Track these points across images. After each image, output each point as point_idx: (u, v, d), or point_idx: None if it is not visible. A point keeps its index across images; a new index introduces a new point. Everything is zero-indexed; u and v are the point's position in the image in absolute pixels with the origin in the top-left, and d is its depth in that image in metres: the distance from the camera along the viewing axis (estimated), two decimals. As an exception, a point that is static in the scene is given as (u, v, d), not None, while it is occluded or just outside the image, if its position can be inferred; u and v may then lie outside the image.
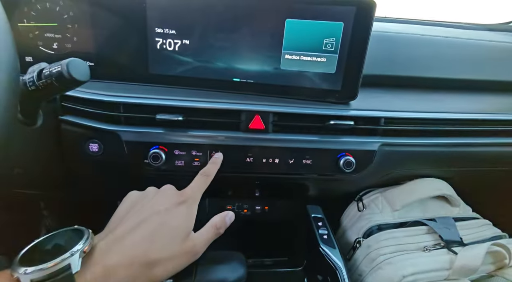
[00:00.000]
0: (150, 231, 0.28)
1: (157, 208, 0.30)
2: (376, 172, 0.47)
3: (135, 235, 0.27)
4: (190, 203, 0.32)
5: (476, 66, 0.56)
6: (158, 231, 0.28)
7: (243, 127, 0.42)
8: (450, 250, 0.43)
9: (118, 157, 0.42)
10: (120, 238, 0.27)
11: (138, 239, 0.27)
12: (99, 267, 0.24)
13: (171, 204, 0.31)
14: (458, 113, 0.47)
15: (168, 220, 0.29)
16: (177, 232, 0.29)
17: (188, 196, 0.33)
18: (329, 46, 0.41)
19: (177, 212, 0.31)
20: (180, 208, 0.31)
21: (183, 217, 0.31)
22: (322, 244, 0.46)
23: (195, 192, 0.34)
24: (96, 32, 0.42)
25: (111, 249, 0.26)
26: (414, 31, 0.57)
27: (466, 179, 0.54)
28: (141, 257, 0.26)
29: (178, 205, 0.31)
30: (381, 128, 0.44)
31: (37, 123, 0.38)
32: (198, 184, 0.35)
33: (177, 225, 0.30)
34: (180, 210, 0.31)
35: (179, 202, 0.32)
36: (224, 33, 0.41)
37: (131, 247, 0.27)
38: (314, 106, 0.43)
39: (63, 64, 0.29)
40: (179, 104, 0.40)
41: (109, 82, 0.43)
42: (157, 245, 0.28)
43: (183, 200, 0.32)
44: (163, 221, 0.29)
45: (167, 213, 0.30)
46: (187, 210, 0.32)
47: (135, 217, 0.29)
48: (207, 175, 0.37)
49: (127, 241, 0.27)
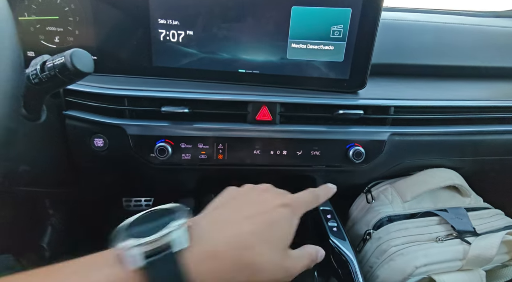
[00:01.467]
0: (257, 227, 0.24)
1: (259, 207, 0.26)
2: (385, 162, 0.47)
3: (241, 227, 0.23)
4: (294, 209, 0.27)
5: (485, 52, 0.55)
6: (265, 230, 0.24)
7: (250, 119, 0.41)
8: (463, 240, 0.42)
9: (123, 152, 0.41)
10: (225, 224, 0.23)
11: (244, 231, 0.23)
12: (204, 250, 0.21)
13: (274, 203, 0.26)
14: (468, 100, 0.46)
15: (274, 222, 0.25)
16: (280, 240, 0.25)
17: (293, 201, 0.28)
18: (337, 34, 0.40)
19: (282, 214, 0.26)
20: (285, 211, 0.26)
21: (285, 222, 0.26)
22: (332, 236, 0.45)
23: (300, 201, 0.29)
24: (98, 24, 0.41)
25: (217, 230, 0.23)
26: (422, 18, 0.56)
27: (477, 169, 0.53)
28: (250, 254, 0.22)
29: (281, 207, 0.26)
30: (391, 117, 0.43)
31: (41, 118, 0.38)
32: (306, 197, 0.30)
33: (282, 231, 0.25)
34: (285, 214, 0.26)
35: (283, 204, 0.26)
36: (228, 22, 0.40)
37: (238, 238, 0.22)
38: (322, 96, 0.42)
39: (67, 55, 0.28)
40: (184, 96, 0.39)
41: (112, 75, 0.43)
42: (265, 244, 0.23)
43: (287, 203, 0.27)
44: (271, 221, 0.25)
45: (273, 212, 0.25)
46: (290, 216, 0.26)
47: (237, 209, 0.26)
48: (316, 197, 0.31)
49: (233, 230, 0.23)
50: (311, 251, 0.28)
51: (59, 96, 0.40)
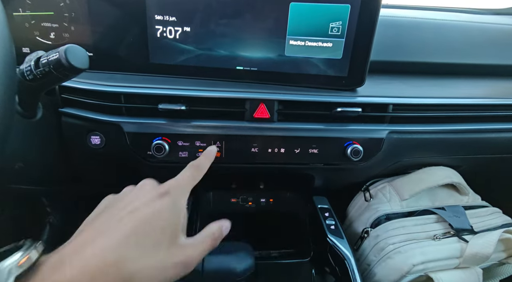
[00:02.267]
0: (125, 233, 0.21)
1: (133, 204, 0.23)
2: (384, 160, 0.46)
3: (103, 241, 0.20)
4: (175, 195, 0.25)
5: (484, 50, 0.54)
6: (135, 233, 0.21)
7: (247, 117, 0.41)
8: (461, 238, 0.42)
9: (120, 149, 0.41)
10: (80, 247, 0.20)
11: (107, 245, 0.20)
12: None
13: (150, 197, 0.24)
14: (467, 98, 0.46)
15: (148, 218, 0.22)
16: (161, 235, 0.22)
17: (171, 187, 0.26)
18: (336, 31, 0.39)
19: (159, 205, 0.23)
20: (162, 201, 0.24)
21: (167, 212, 0.23)
22: (330, 235, 0.45)
23: (181, 184, 0.27)
24: (94, 20, 0.40)
25: (66, 261, 0.19)
26: (421, 16, 0.55)
27: (475, 167, 0.53)
28: (113, 267, 0.19)
29: (159, 198, 0.24)
30: (389, 115, 0.43)
31: (37, 115, 0.37)
32: (186, 175, 0.28)
33: (160, 224, 0.22)
34: (162, 203, 0.24)
35: (160, 194, 0.24)
36: (226, 19, 0.40)
37: (95, 256, 0.19)
38: (320, 93, 0.42)
39: (61, 51, 0.28)
40: (181, 93, 0.39)
41: (109, 72, 0.42)
42: (134, 251, 0.20)
43: (165, 191, 0.25)
44: (141, 219, 0.22)
45: (145, 208, 0.23)
46: (171, 204, 0.24)
47: (104, 220, 0.23)
48: (197, 168, 0.29)
49: (90, 249, 0.20)
50: (212, 230, 0.26)
51: (55, 94, 0.40)
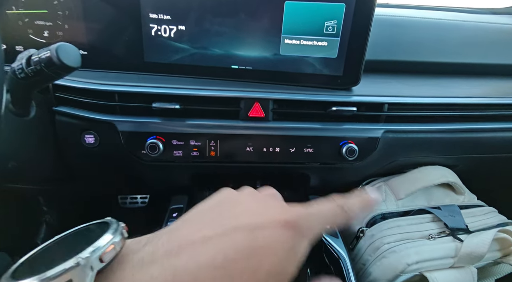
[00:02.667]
0: (226, 254, 0.16)
1: (249, 218, 0.17)
2: (379, 159, 0.46)
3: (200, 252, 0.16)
4: (302, 232, 0.18)
5: (481, 49, 0.54)
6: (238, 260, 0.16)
7: (242, 116, 0.41)
8: (456, 237, 0.42)
9: (114, 148, 0.41)
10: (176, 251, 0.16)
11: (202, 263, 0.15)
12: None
13: (271, 218, 0.18)
14: (463, 97, 0.46)
15: (260, 246, 0.16)
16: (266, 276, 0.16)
17: (300, 218, 0.18)
18: (331, 29, 0.39)
19: (277, 236, 0.17)
20: (284, 232, 0.17)
21: (285, 249, 0.17)
22: (325, 234, 0.45)
23: (313, 221, 0.19)
24: (88, 19, 0.40)
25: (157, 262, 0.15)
26: (417, 15, 0.55)
27: (471, 166, 0.53)
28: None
29: (281, 226, 0.17)
30: (385, 114, 0.43)
31: (30, 114, 0.37)
32: (326, 213, 0.19)
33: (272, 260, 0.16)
34: (283, 237, 0.17)
35: (284, 222, 0.17)
36: (221, 17, 0.40)
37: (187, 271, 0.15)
38: (315, 92, 0.42)
39: (52, 49, 0.28)
40: (176, 92, 0.39)
41: (103, 71, 0.42)
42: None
43: (289, 221, 0.18)
44: (251, 244, 0.16)
45: (263, 231, 0.17)
46: (294, 241, 0.17)
47: (214, 220, 0.18)
48: (347, 212, 0.20)
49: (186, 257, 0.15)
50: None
51: (49, 92, 0.39)
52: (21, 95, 0.33)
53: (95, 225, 0.17)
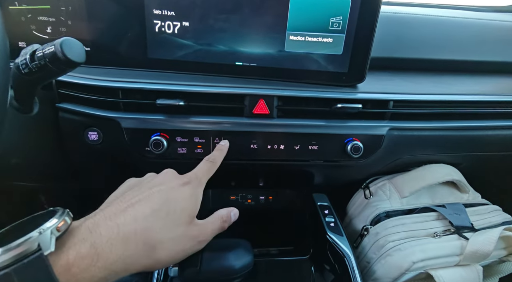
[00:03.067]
0: (152, 207, 0.25)
1: (159, 186, 0.27)
2: (384, 157, 0.46)
3: (134, 211, 0.24)
4: (195, 185, 0.30)
5: (485, 47, 0.54)
6: (161, 209, 0.25)
7: (247, 113, 0.40)
8: (461, 235, 0.42)
9: (118, 145, 0.40)
10: (113, 214, 0.24)
11: (138, 215, 0.24)
12: (86, 245, 0.21)
13: (174, 183, 0.28)
14: (468, 95, 0.45)
15: (172, 199, 0.27)
16: (181, 214, 0.27)
17: (191, 178, 0.30)
18: (336, 26, 0.39)
19: (181, 191, 0.28)
20: (184, 188, 0.28)
21: (188, 198, 0.28)
22: (329, 232, 0.45)
23: (199, 176, 0.31)
24: (92, 14, 0.40)
25: (101, 225, 0.22)
26: (422, 12, 0.55)
27: (475, 164, 0.53)
28: (142, 234, 0.23)
29: (182, 185, 0.29)
30: (390, 111, 0.43)
31: (34, 111, 0.37)
32: (203, 169, 0.33)
33: (181, 206, 0.27)
34: (184, 190, 0.28)
35: (183, 183, 0.29)
36: (225, 13, 0.39)
37: (127, 223, 0.23)
38: (320, 89, 0.41)
39: (57, 44, 0.27)
40: (180, 89, 0.39)
41: (106, 68, 0.42)
42: (159, 224, 0.25)
43: (187, 181, 0.29)
44: (167, 199, 0.26)
45: (171, 191, 0.27)
46: (192, 191, 0.29)
47: (133, 196, 0.26)
48: (213, 162, 0.34)
49: (123, 217, 0.23)
50: (222, 213, 0.32)
51: (52, 89, 0.39)
52: (25, 91, 0.33)
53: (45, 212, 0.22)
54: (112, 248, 0.22)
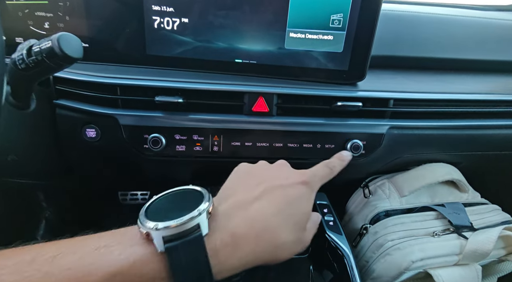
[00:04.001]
0: (277, 206, 0.24)
1: (279, 181, 0.26)
2: (384, 156, 0.46)
3: (261, 206, 0.24)
4: (312, 186, 0.27)
5: (487, 46, 0.54)
6: (285, 209, 0.24)
7: (246, 110, 0.40)
8: (460, 235, 0.42)
9: (116, 142, 0.40)
10: (244, 205, 0.23)
11: (266, 212, 0.23)
12: (226, 233, 0.21)
13: (294, 180, 0.26)
14: (469, 94, 0.45)
15: (294, 199, 0.25)
16: (302, 217, 0.25)
17: (310, 178, 0.27)
18: (337, 23, 0.39)
19: (302, 192, 0.26)
20: (304, 189, 0.26)
21: (306, 200, 0.26)
22: (328, 231, 0.45)
23: (316, 178, 0.29)
24: (90, 10, 0.39)
25: (236, 214, 0.23)
26: (423, 10, 0.55)
27: (475, 164, 0.53)
28: (270, 234, 0.23)
29: (301, 184, 0.26)
30: (390, 110, 0.42)
31: (30, 107, 0.37)
32: (320, 172, 0.30)
33: (303, 209, 0.25)
34: (304, 191, 0.26)
35: (302, 182, 0.27)
36: (224, 10, 0.39)
37: (259, 219, 0.23)
38: (320, 87, 0.41)
39: (54, 39, 0.27)
40: (179, 86, 0.38)
41: (105, 64, 0.41)
42: (284, 225, 0.24)
43: (305, 181, 0.27)
44: (289, 198, 0.25)
45: (291, 189, 0.25)
46: (309, 193, 0.27)
47: (254, 185, 0.25)
48: (331, 169, 0.31)
49: (253, 210, 0.23)
50: (316, 219, 0.30)
51: (49, 85, 0.39)
52: (22, 87, 0.33)
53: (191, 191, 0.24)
54: (247, 241, 0.22)
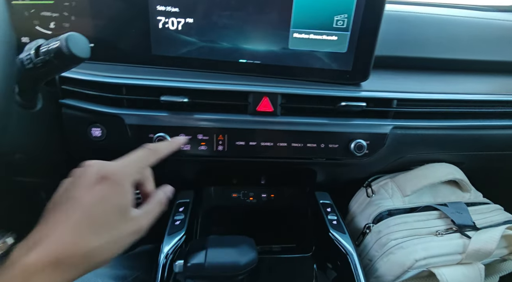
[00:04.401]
0: (75, 220, 0.23)
1: (73, 193, 0.24)
2: (387, 156, 0.46)
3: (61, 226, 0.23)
4: (115, 179, 0.25)
5: (489, 46, 0.54)
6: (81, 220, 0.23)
7: (250, 110, 0.40)
8: (463, 234, 0.42)
9: (121, 142, 0.40)
10: (44, 234, 0.22)
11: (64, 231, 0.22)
12: (16, 268, 0.20)
13: (89, 183, 0.24)
14: (471, 94, 0.45)
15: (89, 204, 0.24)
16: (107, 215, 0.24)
17: (110, 172, 0.25)
18: (340, 23, 0.39)
19: (98, 191, 0.24)
20: (102, 186, 0.24)
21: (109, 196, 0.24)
22: (332, 230, 0.45)
23: (122, 168, 0.26)
24: (95, 10, 0.39)
25: (31, 247, 0.21)
26: (425, 11, 0.55)
27: (477, 164, 0.53)
28: (71, 249, 0.22)
29: (98, 183, 0.24)
30: (393, 110, 0.43)
31: (37, 106, 0.37)
32: (133, 159, 0.28)
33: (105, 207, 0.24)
34: (102, 188, 0.24)
35: (99, 178, 0.25)
36: (229, 10, 0.39)
37: (56, 241, 0.22)
38: (324, 87, 0.41)
39: (62, 39, 0.27)
40: (184, 85, 0.39)
41: (110, 64, 0.42)
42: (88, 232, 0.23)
43: (104, 176, 0.25)
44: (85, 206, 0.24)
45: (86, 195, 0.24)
46: (112, 187, 0.25)
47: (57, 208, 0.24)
48: (153, 152, 0.29)
49: (52, 235, 0.22)
50: (159, 197, 0.29)
51: (55, 85, 0.39)
52: (29, 86, 0.33)
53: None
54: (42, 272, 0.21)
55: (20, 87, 0.33)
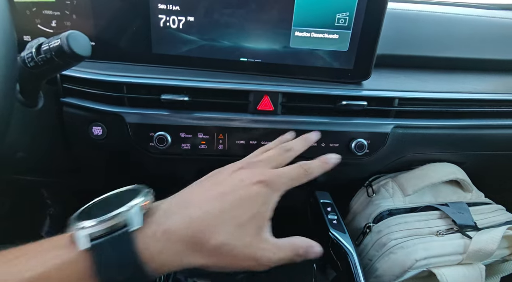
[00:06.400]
0: (221, 207, 0.23)
1: (236, 183, 0.24)
2: (388, 155, 0.46)
3: (206, 206, 0.23)
4: (273, 187, 0.25)
5: (492, 45, 0.53)
6: (229, 210, 0.23)
7: (251, 109, 0.40)
8: (464, 234, 0.42)
9: (122, 140, 0.40)
10: (187, 203, 0.23)
11: (209, 211, 0.22)
12: (160, 229, 0.21)
13: (249, 181, 0.24)
14: (474, 93, 0.45)
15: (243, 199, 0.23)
16: (251, 218, 0.23)
17: (272, 178, 0.25)
18: (342, 22, 0.39)
19: (253, 192, 0.24)
20: (257, 188, 0.24)
21: (260, 202, 0.24)
22: (332, 229, 0.45)
23: (282, 179, 0.26)
24: (96, 9, 0.39)
25: (177, 212, 0.22)
26: (428, 9, 0.54)
27: (479, 164, 0.53)
28: (205, 234, 0.21)
29: (256, 184, 0.24)
30: (395, 109, 0.43)
31: (38, 105, 0.37)
32: (291, 173, 0.27)
33: (252, 210, 0.23)
34: (258, 192, 0.24)
35: (258, 181, 0.24)
36: (230, 8, 0.39)
37: (198, 216, 0.22)
38: (325, 86, 0.41)
39: (63, 38, 0.27)
40: (184, 84, 0.39)
41: (111, 62, 0.42)
42: (224, 226, 0.22)
43: (262, 180, 0.25)
44: (237, 199, 0.23)
45: (242, 190, 0.24)
46: (267, 194, 0.24)
47: (208, 188, 0.25)
48: (306, 170, 0.28)
49: (194, 209, 0.22)
50: (299, 244, 0.25)
51: (56, 83, 0.39)
52: (30, 85, 0.33)
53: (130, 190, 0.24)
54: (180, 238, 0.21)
55: (21, 86, 0.33)
